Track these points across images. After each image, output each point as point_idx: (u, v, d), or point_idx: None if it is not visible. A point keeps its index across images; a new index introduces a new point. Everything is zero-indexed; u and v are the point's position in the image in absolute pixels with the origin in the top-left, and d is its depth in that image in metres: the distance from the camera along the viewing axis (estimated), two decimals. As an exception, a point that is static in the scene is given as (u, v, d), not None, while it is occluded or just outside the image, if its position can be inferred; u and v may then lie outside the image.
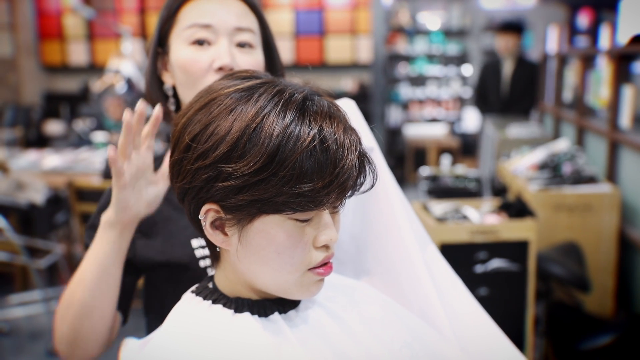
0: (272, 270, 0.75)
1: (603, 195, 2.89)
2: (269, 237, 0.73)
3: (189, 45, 1.02)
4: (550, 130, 4.42)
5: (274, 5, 7.35)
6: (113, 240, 0.95)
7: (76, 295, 0.96)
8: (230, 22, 1.02)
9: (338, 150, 0.70)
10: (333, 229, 0.76)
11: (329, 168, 0.70)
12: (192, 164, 0.73)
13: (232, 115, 0.72)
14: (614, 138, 3.06)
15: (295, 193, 0.69)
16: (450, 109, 8.10)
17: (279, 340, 0.76)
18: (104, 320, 0.97)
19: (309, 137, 0.69)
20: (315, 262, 0.76)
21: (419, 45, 7.99)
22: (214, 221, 0.76)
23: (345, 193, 0.73)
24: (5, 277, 4.12)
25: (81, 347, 0.97)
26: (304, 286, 0.77)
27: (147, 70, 1.11)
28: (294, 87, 0.75)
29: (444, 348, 0.88)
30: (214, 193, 0.72)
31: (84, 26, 7.56)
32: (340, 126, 0.72)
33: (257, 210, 0.71)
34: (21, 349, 3.31)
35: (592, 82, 3.58)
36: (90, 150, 4.54)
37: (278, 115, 0.70)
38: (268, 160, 0.69)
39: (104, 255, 0.95)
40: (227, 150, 0.70)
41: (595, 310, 2.88)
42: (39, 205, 3.44)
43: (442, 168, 3.82)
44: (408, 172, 7.35)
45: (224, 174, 0.70)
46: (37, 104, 7.30)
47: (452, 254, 2.39)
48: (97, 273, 0.95)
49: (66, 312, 0.97)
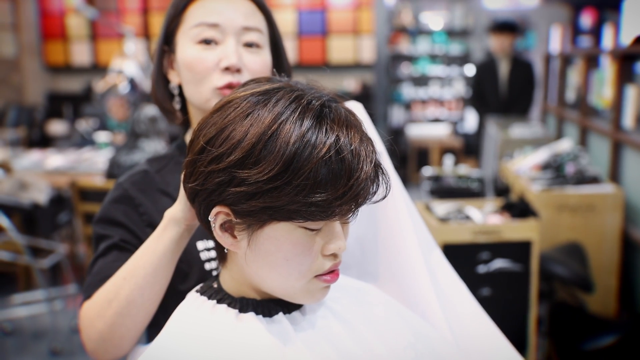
0: (280, 276, 0.75)
1: (606, 195, 2.89)
2: (278, 243, 0.73)
3: (196, 44, 1.01)
4: (553, 130, 4.42)
5: (276, 5, 7.36)
6: (175, 238, 0.90)
7: (123, 291, 0.91)
8: (237, 21, 1.01)
9: (353, 160, 0.69)
10: (342, 239, 0.76)
11: (343, 179, 0.69)
12: (206, 167, 0.72)
13: (248, 119, 0.71)
14: (617, 138, 3.06)
15: (308, 202, 0.68)
16: (453, 109, 8.09)
17: (283, 340, 0.76)
18: (146, 320, 0.94)
19: (325, 147, 0.68)
20: (322, 269, 0.76)
21: (421, 45, 7.98)
22: (223, 223, 0.76)
23: (358, 205, 0.72)
24: (9, 276, 4.13)
25: (116, 345, 0.93)
26: (309, 292, 0.77)
27: (153, 69, 1.10)
28: (312, 93, 0.74)
29: (447, 349, 0.88)
30: (225, 197, 0.72)
31: (87, 26, 7.57)
32: (357, 136, 0.72)
33: (268, 216, 0.71)
34: (24, 349, 3.32)
35: (595, 82, 3.58)
36: (93, 150, 4.55)
37: (295, 123, 0.69)
38: (283, 169, 0.68)
39: (162, 254, 0.91)
40: (241, 156, 0.69)
41: (598, 311, 2.87)
42: (42, 205, 3.45)
43: (445, 168, 3.81)
44: (411, 172, 7.35)
45: (237, 179, 0.70)
46: (40, 104, 7.31)
47: (454, 254, 2.40)
48: (152, 270, 0.91)
49: (106, 308, 0.92)
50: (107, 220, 1.03)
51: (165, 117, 1.13)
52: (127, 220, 1.02)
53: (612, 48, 4.76)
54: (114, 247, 1.01)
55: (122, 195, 1.04)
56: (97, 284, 0.98)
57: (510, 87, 4.87)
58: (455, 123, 8.06)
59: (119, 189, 1.05)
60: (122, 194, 1.04)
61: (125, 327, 0.92)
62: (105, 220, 1.03)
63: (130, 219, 1.03)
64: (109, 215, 1.03)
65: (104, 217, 1.04)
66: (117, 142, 4.46)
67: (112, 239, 1.01)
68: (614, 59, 3.19)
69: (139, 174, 1.07)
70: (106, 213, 1.04)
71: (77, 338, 3.41)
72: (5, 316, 3.61)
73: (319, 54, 7.44)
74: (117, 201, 1.04)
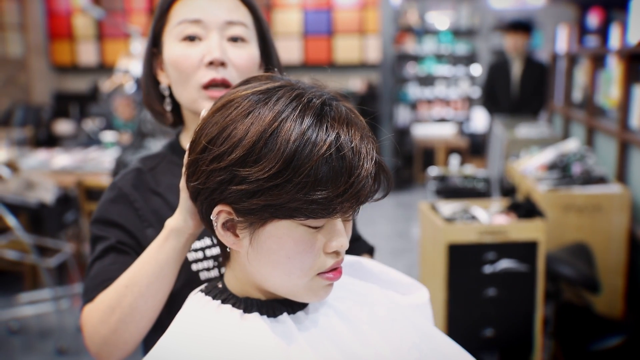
0: (282, 274, 0.75)
1: (613, 195, 2.87)
2: (280, 242, 0.73)
3: (180, 41, 1.01)
4: (559, 130, 4.40)
5: (282, 5, 7.36)
6: (177, 247, 0.90)
7: (126, 299, 0.91)
8: (220, 16, 1.01)
9: (354, 158, 0.70)
10: (344, 236, 0.76)
11: (344, 177, 0.69)
12: (207, 166, 0.73)
13: (249, 118, 0.71)
14: (624, 138, 3.04)
15: (309, 200, 0.69)
16: (459, 109, 8.07)
17: (287, 340, 0.76)
18: (149, 324, 0.94)
19: (325, 145, 0.69)
20: (325, 267, 0.76)
21: (427, 45, 7.97)
22: (225, 222, 0.76)
23: (359, 202, 0.72)
24: (15, 275, 4.15)
25: (120, 349, 0.94)
26: (312, 290, 0.77)
27: (143, 72, 1.10)
28: (312, 92, 0.75)
29: (452, 350, 0.88)
30: (227, 195, 0.72)
31: (93, 26, 7.59)
32: (358, 134, 0.72)
33: (269, 214, 0.71)
34: (30, 348, 3.33)
35: (602, 82, 3.56)
36: (100, 149, 4.56)
37: (295, 121, 0.70)
38: (283, 166, 0.68)
39: (165, 263, 0.90)
40: (242, 154, 0.70)
41: (605, 312, 2.86)
42: (48, 204, 3.46)
43: (451, 168, 3.81)
44: (416, 172, 7.34)
45: (238, 177, 0.70)
46: (47, 103, 7.34)
47: (460, 254, 2.39)
48: (154, 279, 0.91)
49: (109, 315, 0.92)
50: (103, 220, 1.03)
51: (156, 119, 1.12)
52: (123, 221, 1.02)
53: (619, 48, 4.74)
54: (111, 249, 1.01)
55: (118, 194, 1.04)
56: (96, 287, 0.97)
57: (522, 88, 4.85)
58: (461, 123, 8.05)
59: (114, 189, 1.05)
60: (117, 193, 1.04)
61: (128, 332, 0.92)
62: (101, 221, 1.03)
63: (127, 218, 1.02)
64: (105, 215, 1.03)
65: (100, 217, 1.04)
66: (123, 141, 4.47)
67: (108, 240, 1.01)
68: (621, 59, 3.17)
69: (132, 172, 1.07)
70: (102, 213, 1.04)
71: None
72: (12, 315, 3.63)
73: (325, 54, 7.44)
74: (113, 201, 1.04)
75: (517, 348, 2.48)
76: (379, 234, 5.39)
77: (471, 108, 8.08)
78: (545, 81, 4.82)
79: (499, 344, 2.45)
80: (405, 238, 5.32)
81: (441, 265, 2.40)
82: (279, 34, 7.40)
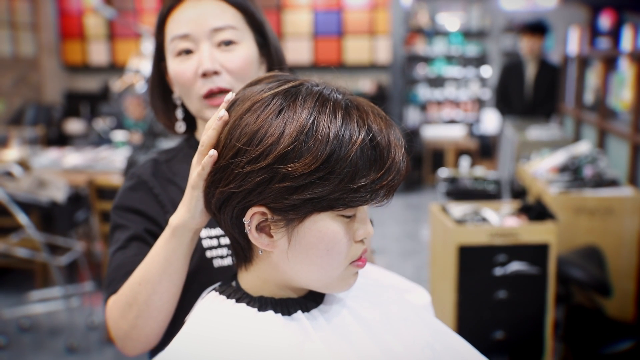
0: (320, 268, 0.77)
1: (625, 198, 2.85)
2: (320, 234, 0.75)
3: (175, 57, 1.05)
4: (570, 132, 4.38)
5: (292, 6, 7.37)
6: (185, 243, 0.90)
7: (141, 296, 0.92)
8: (205, 25, 1.03)
9: (386, 145, 0.75)
10: (369, 224, 0.80)
11: (380, 162, 0.74)
12: (243, 168, 0.73)
13: (280, 118, 0.73)
14: (636, 141, 3.02)
15: (352, 189, 0.73)
16: (469, 111, 8.05)
17: (302, 339, 0.77)
18: (169, 316, 0.96)
19: (360, 135, 0.73)
20: (356, 255, 0.79)
21: (437, 46, 7.96)
22: (258, 224, 0.76)
23: (396, 185, 0.76)
24: (26, 273, 4.18)
25: (142, 342, 0.96)
26: (344, 280, 0.80)
27: (150, 80, 1.13)
28: (330, 89, 0.78)
29: (464, 348, 0.87)
30: (266, 195, 0.73)
31: (104, 26, 7.64)
32: (383, 123, 0.77)
33: (311, 208, 0.73)
34: (41, 345, 3.35)
35: (614, 84, 3.54)
36: (110, 149, 4.58)
37: (329, 116, 0.74)
38: (326, 159, 0.72)
39: (175, 259, 0.91)
40: (283, 152, 0.72)
41: (616, 315, 2.84)
42: (60, 203, 3.48)
43: (461, 170, 3.80)
44: (426, 173, 7.32)
45: (280, 174, 0.72)
46: (58, 103, 7.38)
47: (471, 256, 2.39)
48: (166, 275, 0.91)
49: (128, 311, 0.94)
50: (124, 207, 1.04)
51: (168, 131, 1.16)
52: (144, 207, 1.03)
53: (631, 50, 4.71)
54: (134, 239, 1.01)
55: (137, 182, 1.06)
56: (121, 278, 0.98)
57: (536, 90, 4.83)
58: (471, 124, 8.02)
59: (133, 178, 1.07)
60: (137, 181, 1.07)
61: (148, 326, 0.94)
62: (122, 208, 1.04)
63: (148, 205, 1.04)
64: (126, 202, 1.04)
65: (121, 204, 1.05)
66: (134, 141, 4.49)
67: (130, 229, 1.02)
68: (633, 61, 3.15)
69: (149, 162, 1.10)
70: (123, 201, 1.05)
71: (94, 335, 3.44)
72: (23, 313, 3.65)
73: (335, 55, 7.44)
74: (132, 189, 1.06)
75: (527, 351, 2.46)
76: (389, 235, 5.38)
77: (481, 110, 8.06)
78: (557, 84, 4.79)
79: (509, 347, 2.44)
80: (415, 239, 5.31)
81: (451, 267, 2.39)
82: (288, 34, 7.41)
